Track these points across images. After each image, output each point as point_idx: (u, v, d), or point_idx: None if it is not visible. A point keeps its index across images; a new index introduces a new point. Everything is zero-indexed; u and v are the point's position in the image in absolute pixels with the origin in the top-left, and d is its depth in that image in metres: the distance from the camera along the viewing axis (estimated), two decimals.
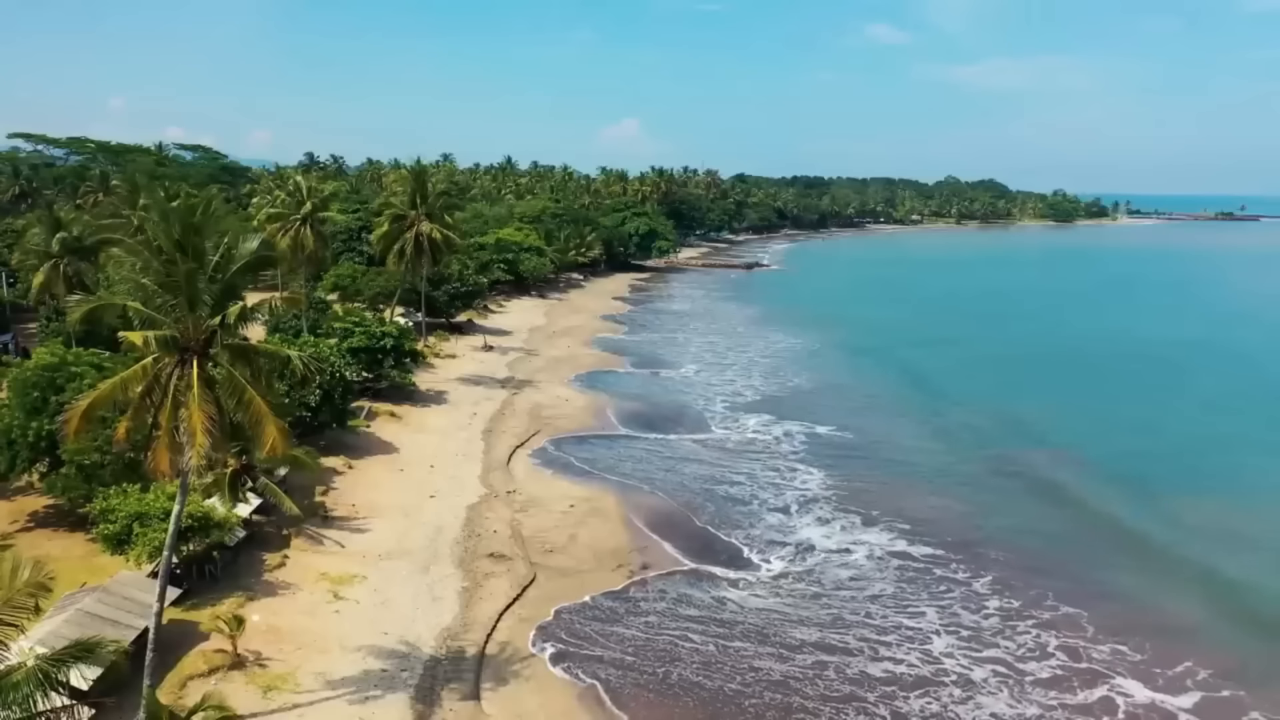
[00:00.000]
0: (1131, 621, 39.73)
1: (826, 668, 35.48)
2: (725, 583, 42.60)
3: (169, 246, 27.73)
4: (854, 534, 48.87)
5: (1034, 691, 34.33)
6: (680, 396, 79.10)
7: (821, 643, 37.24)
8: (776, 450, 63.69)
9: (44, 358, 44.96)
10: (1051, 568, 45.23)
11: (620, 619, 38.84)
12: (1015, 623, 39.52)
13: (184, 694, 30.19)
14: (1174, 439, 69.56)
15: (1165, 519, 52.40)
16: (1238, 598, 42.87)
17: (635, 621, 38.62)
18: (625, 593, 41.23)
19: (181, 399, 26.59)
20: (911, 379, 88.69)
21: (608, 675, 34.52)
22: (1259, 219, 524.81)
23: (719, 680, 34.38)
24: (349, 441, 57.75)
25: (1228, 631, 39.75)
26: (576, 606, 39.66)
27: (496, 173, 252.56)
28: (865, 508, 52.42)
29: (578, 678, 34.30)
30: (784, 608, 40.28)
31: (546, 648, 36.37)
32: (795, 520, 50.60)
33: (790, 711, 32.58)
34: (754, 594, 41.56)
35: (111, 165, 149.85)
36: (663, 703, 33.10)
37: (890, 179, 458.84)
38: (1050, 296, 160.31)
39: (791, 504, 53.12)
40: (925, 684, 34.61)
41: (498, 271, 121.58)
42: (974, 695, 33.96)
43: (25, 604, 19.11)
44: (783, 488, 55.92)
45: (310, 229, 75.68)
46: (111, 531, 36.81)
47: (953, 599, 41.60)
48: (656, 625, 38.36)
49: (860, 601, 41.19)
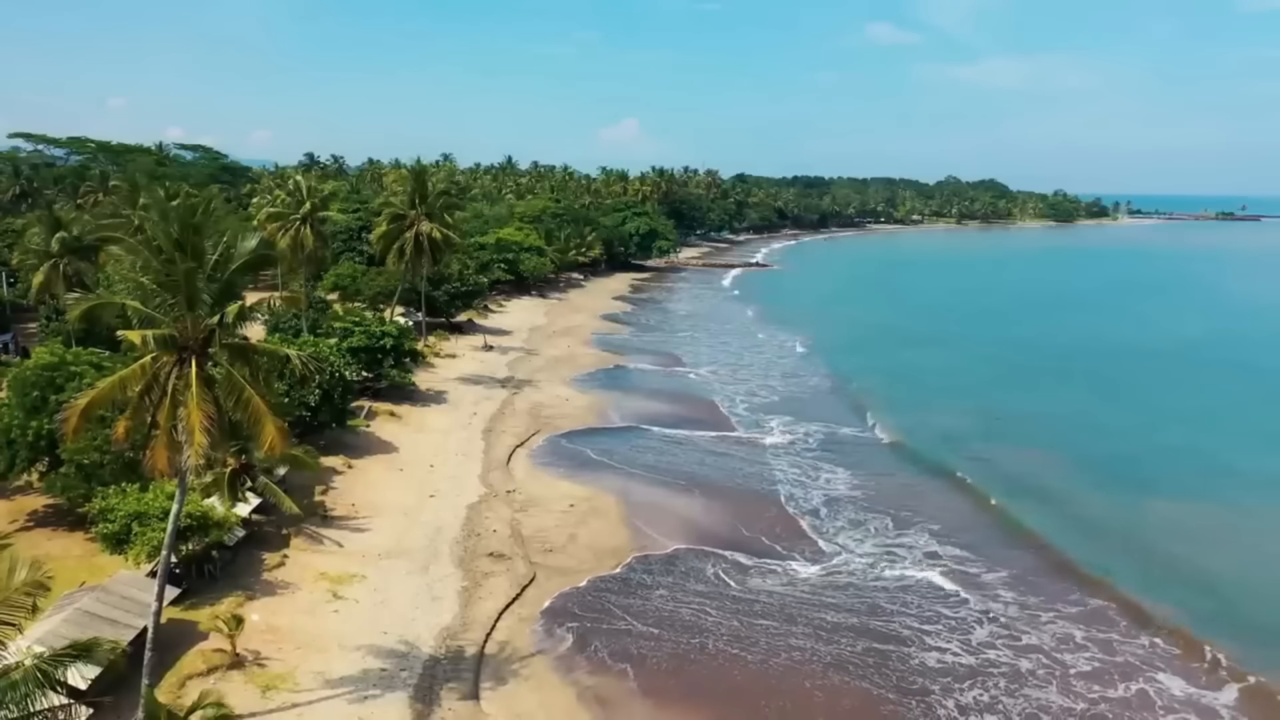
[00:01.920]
0: (1155, 616, 40.40)
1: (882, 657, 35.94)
2: (724, 579, 42.60)
3: (168, 245, 27.70)
4: (885, 536, 48.78)
5: (1078, 684, 34.84)
6: (680, 395, 79.00)
7: (866, 628, 37.43)
8: (775, 446, 63.66)
9: (43, 357, 44.92)
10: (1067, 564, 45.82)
11: (618, 616, 38.85)
12: (1040, 613, 40.32)
13: (183, 693, 30.15)
14: (1170, 440, 69.56)
15: (1164, 517, 52.59)
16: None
17: (638, 615, 38.62)
18: (623, 591, 41.22)
19: (180, 398, 26.56)
20: (913, 378, 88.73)
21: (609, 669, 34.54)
22: (1260, 219, 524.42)
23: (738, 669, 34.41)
24: (349, 441, 57.72)
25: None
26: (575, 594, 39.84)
27: (497, 173, 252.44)
28: (893, 509, 52.46)
29: (602, 661, 34.55)
30: (793, 601, 40.34)
31: (565, 634, 36.92)
32: (808, 518, 50.64)
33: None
34: (749, 591, 41.59)
35: (112, 165, 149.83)
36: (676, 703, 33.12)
37: (891, 179, 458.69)
38: (1051, 296, 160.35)
39: (804, 502, 53.15)
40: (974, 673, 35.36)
41: (498, 271, 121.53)
42: (1021, 687, 34.63)
43: (23, 603, 19.08)
44: (782, 481, 56.00)
45: (310, 228, 75.69)
46: (110, 531, 36.78)
47: (984, 594, 42.19)
48: (657, 619, 38.40)
49: (894, 594, 41.90)
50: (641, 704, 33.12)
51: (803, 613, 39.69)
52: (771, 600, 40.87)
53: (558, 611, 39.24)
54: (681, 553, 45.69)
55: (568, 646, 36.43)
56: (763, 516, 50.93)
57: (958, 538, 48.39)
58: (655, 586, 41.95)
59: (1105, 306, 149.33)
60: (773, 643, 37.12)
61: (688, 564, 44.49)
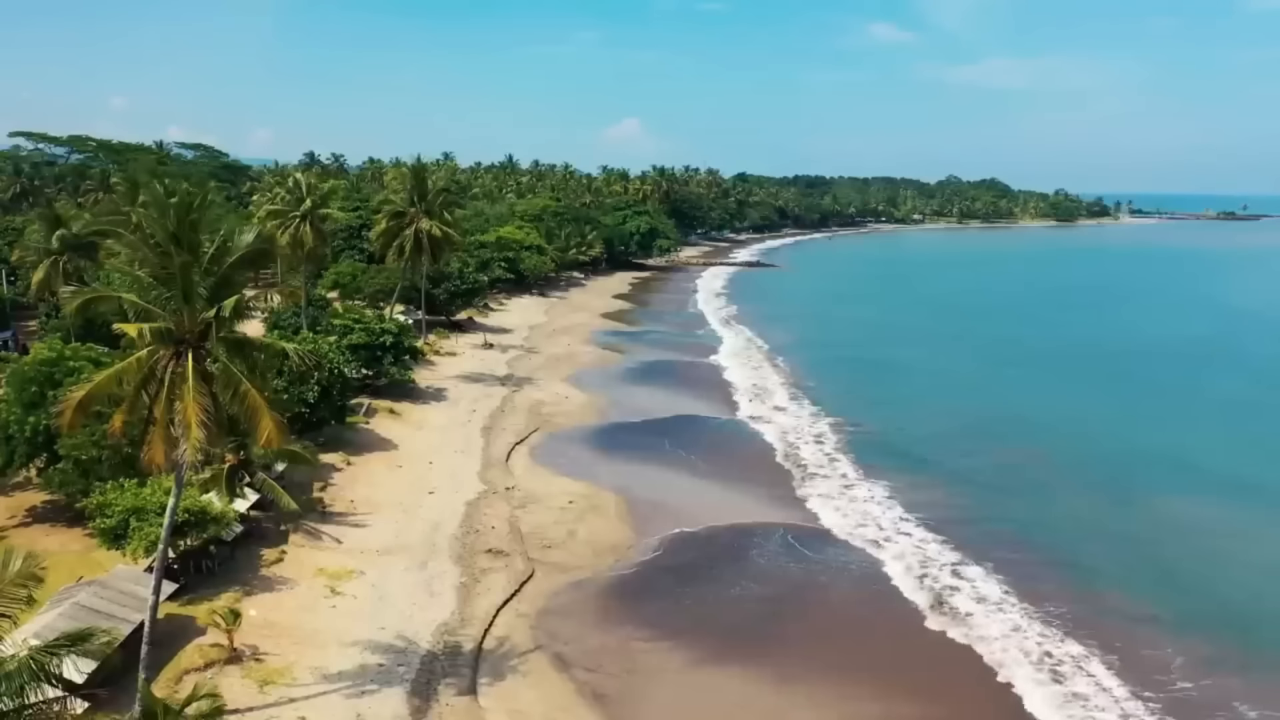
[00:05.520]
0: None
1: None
2: (724, 576, 42.60)
3: (164, 239, 27.68)
4: (897, 529, 49.02)
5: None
6: (681, 393, 78.83)
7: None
8: (783, 437, 63.70)
9: (42, 352, 44.89)
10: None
11: (617, 612, 38.79)
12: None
13: (180, 688, 30.02)
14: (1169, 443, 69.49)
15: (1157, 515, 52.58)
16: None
17: (636, 610, 38.59)
18: (622, 586, 41.19)
19: (177, 392, 26.53)
20: (915, 378, 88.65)
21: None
22: (1261, 218, 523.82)
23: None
24: (348, 438, 57.68)
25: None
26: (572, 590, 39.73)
27: (498, 172, 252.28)
28: (901, 500, 52.80)
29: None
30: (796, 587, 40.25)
31: (563, 630, 36.85)
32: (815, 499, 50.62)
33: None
34: (748, 587, 41.55)
35: (112, 164, 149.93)
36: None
37: (892, 178, 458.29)
38: (1052, 298, 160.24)
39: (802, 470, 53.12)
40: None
41: (498, 270, 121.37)
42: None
43: (17, 595, 19.01)
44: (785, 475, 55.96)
45: (310, 226, 75.52)
46: (108, 526, 36.73)
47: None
48: (656, 614, 38.35)
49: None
50: (640, 699, 33.05)
51: (803, 607, 39.65)
52: (768, 592, 40.83)
53: (556, 607, 39.18)
54: (681, 549, 45.63)
55: (565, 642, 36.35)
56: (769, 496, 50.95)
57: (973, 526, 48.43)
58: (654, 582, 41.92)
59: (1104, 306, 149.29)
60: (774, 640, 37.03)
61: (687, 559, 44.45)
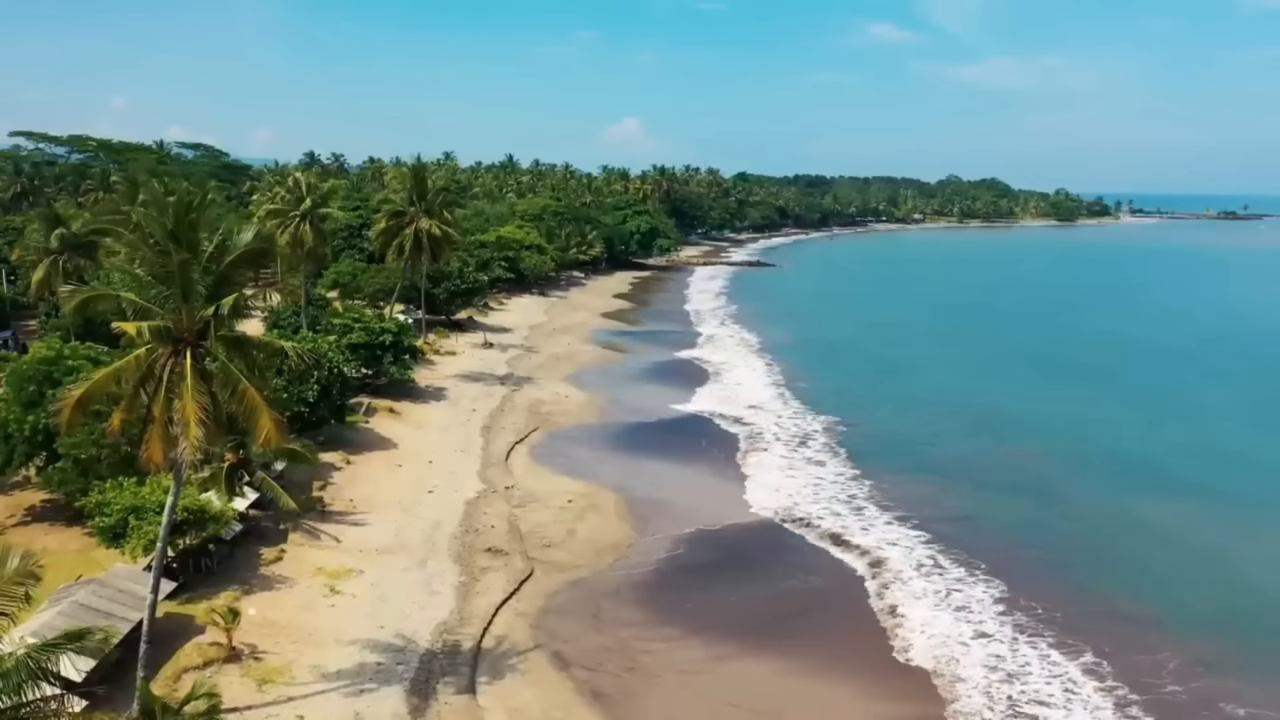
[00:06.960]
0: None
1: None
2: (723, 575, 42.57)
3: (163, 237, 27.66)
4: (889, 531, 48.65)
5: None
6: (681, 392, 78.80)
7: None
8: (789, 441, 63.67)
9: (41, 351, 44.87)
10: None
11: (616, 611, 38.76)
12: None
13: (179, 686, 30.01)
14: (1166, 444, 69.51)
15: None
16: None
17: (636, 609, 38.58)
18: (621, 585, 41.16)
19: (175, 390, 26.51)
20: (915, 378, 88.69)
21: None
22: (1261, 218, 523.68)
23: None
24: (347, 437, 57.65)
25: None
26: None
27: (498, 171, 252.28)
28: (893, 501, 52.45)
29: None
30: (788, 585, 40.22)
31: (562, 629, 36.66)
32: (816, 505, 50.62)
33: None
34: (747, 586, 41.51)
35: (113, 163, 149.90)
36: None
37: (892, 178, 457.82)
38: (1052, 298, 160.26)
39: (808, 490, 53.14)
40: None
41: (498, 269, 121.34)
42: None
43: (14, 593, 19.00)
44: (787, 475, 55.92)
45: (310, 225, 75.45)
46: (107, 525, 36.72)
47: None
48: (656, 613, 38.32)
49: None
50: (639, 698, 33.03)
51: (804, 606, 39.65)
52: (769, 591, 40.81)
53: (555, 606, 39.17)
54: (680, 547, 45.61)
55: (564, 641, 36.33)
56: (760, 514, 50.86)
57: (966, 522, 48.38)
58: (654, 581, 41.91)
59: (1103, 305, 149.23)
60: (774, 639, 37.03)
61: (687, 558, 44.45)
